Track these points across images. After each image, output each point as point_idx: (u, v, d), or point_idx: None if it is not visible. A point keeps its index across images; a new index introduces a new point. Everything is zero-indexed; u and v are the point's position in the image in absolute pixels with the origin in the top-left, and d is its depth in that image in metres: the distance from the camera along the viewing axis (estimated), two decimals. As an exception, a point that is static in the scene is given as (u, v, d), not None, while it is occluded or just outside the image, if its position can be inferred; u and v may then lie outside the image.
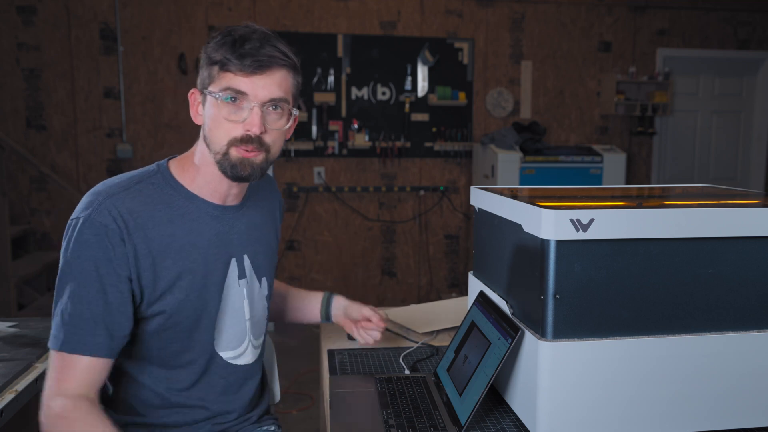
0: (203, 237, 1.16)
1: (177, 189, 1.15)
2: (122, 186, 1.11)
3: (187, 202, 1.15)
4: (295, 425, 3.04)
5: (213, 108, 1.10)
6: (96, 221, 1.05)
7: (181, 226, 1.13)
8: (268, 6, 4.47)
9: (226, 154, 1.11)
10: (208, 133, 1.12)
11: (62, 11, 4.24)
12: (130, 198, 1.09)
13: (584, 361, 1.05)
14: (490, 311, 1.23)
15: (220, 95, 1.08)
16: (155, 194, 1.13)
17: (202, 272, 1.15)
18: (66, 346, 1.04)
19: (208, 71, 1.10)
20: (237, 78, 1.08)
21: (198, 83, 1.14)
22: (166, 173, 1.17)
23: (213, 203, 1.18)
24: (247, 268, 1.24)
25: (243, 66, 1.07)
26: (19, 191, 4.32)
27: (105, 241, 1.05)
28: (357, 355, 1.50)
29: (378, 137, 4.65)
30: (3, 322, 1.61)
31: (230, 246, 1.20)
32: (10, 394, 1.24)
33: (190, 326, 1.16)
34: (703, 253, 1.08)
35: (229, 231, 1.20)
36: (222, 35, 1.10)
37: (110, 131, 4.39)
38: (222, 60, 1.08)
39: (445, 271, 4.89)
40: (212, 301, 1.18)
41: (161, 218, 1.11)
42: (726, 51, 5.09)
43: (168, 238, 1.11)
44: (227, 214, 1.20)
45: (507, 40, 4.80)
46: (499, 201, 1.25)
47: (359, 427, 1.13)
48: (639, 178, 5.10)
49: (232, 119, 1.09)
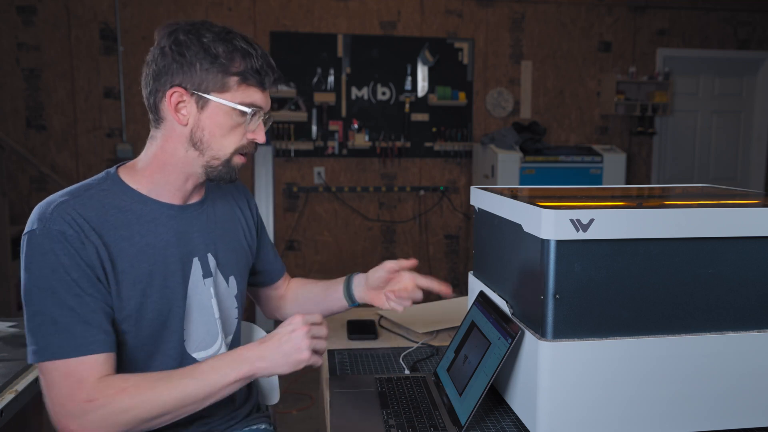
0: (160, 238, 1.13)
1: (129, 193, 1.13)
2: (71, 194, 1.08)
3: (140, 204, 1.13)
4: (295, 425, 3.04)
5: (222, 116, 1.10)
6: (52, 230, 1.02)
7: (138, 230, 1.11)
8: (268, 6, 4.47)
9: (229, 161, 1.14)
10: (208, 139, 1.11)
11: (62, 11, 4.24)
12: (81, 204, 1.07)
13: (584, 361, 1.05)
14: (490, 311, 1.23)
15: (243, 108, 1.11)
16: (106, 199, 1.10)
17: (162, 273, 1.13)
18: (70, 351, 1.01)
19: (214, 77, 1.08)
20: (258, 93, 1.13)
21: (183, 82, 1.08)
22: (116, 178, 1.14)
23: (169, 203, 1.16)
24: (212, 267, 1.21)
25: (265, 82, 1.13)
26: (19, 191, 4.32)
27: (67, 247, 1.02)
28: (357, 355, 1.50)
29: (378, 137, 4.65)
30: (3, 322, 1.61)
31: (191, 245, 1.18)
32: (10, 394, 1.24)
33: (157, 328, 1.13)
34: (703, 253, 1.08)
35: (189, 230, 1.18)
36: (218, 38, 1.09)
37: (110, 131, 4.39)
38: (245, 72, 1.09)
39: (445, 271, 4.89)
40: (176, 301, 1.15)
41: (114, 222, 1.09)
42: (726, 51, 5.09)
43: (123, 241, 1.09)
44: (187, 213, 1.18)
45: (507, 40, 4.80)
46: (499, 201, 1.25)
47: (359, 427, 1.13)
48: (639, 178, 5.10)
49: (241, 129, 1.13)
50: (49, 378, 1.01)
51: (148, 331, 1.13)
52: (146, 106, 1.15)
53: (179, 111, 1.10)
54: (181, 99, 1.09)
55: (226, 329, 1.26)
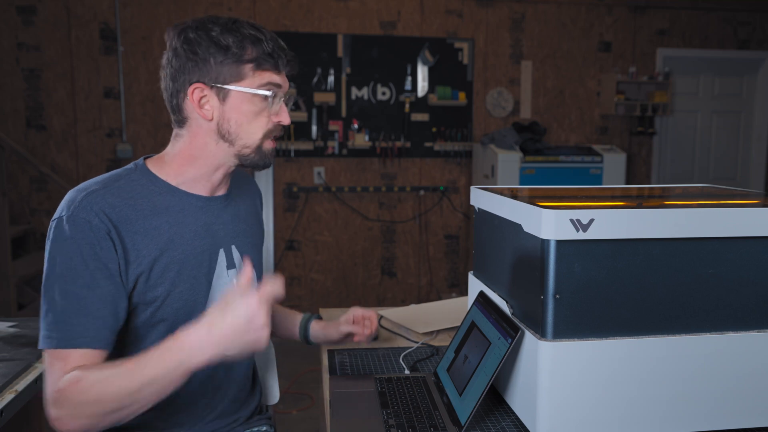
0: (189, 228, 1.16)
1: (157, 184, 1.16)
2: (102, 183, 1.11)
3: (169, 195, 1.16)
4: (295, 425, 3.04)
5: (246, 104, 1.13)
6: (79, 218, 1.05)
7: (166, 219, 1.13)
8: (268, 6, 4.47)
9: (260, 147, 1.17)
10: (236, 129, 1.14)
11: (62, 11, 4.24)
12: (111, 194, 1.09)
13: (584, 361, 1.05)
14: (490, 311, 1.23)
15: (263, 91, 1.13)
16: (136, 189, 1.13)
17: (190, 263, 1.16)
18: (62, 342, 1.03)
19: (229, 68, 1.11)
20: (274, 75, 1.14)
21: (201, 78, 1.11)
22: (144, 170, 1.17)
23: (197, 195, 1.19)
24: (236, 258, 1.24)
25: (279, 65, 1.15)
26: (19, 191, 4.32)
27: (90, 235, 1.04)
28: (357, 355, 1.50)
29: (378, 137, 4.65)
30: (3, 322, 1.61)
31: (217, 236, 1.21)
32: (10, 394, 1.24)
33: (182, 318, 1.15)
34: (703, 253, 1.08)
35: (216, 221, 1.21)
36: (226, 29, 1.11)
37: (110, 131, 4.39)
38: (258, 58, 1.11)
39: (445, 271, 4.89)
40: (202, 292, 1.18)
41: (143, 212, 1.11)
42: (726, 51, 5.09)
43: (152, 230, 1.11)
44: (213, 205, 1.21)
45: (507, 40, 4.80)
46: (499, 201, 1.25)
47: (359, 427, 1.13)
48: (639, 178, 5.10)
49: (265, 113, 1.15)
50: (45, 364, 1.05)
51: (174, 319, 1.14)
52: (168, 108, 1.17)
53: (203, 107, 1.13)
54: (203, 94, 1.12)
55: None
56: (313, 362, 3.48)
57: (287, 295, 4.67)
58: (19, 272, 3.74)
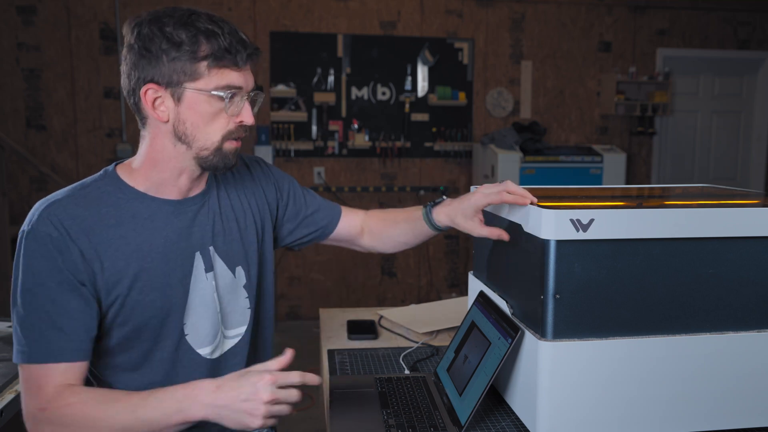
0: (159, 235, 1.12)
1: (125, 191, 1.11)
2: (66, 193, 1.08)
3: (136, 202, 1.11)
4: (295, 425, 3.04)
5: (202, 104, 1.06)
6: (39, 231, 1.03)
7: (133, 228, 1.10)
8: (268, 6, 4.47)
9: (219, 149, 1.10)
10: (192, 131, 1.07)
11: (62, 11, 4.24)
12: (74, 204, 1.06)
13: (584, 361, 1.05)
14: (490, 311, 1.23)
15: (219, 93, 1.05)
16: (101, 198, 1.09)
17: (162, 271, 1.12)
18: (35, 357, 1.01)
19: (182, 66, 1.03)
20: (233, 73, 1.06)
21: (155, 77, 1.04)
22: (113, 176, 1.13)
23: (168, 199, 1.14)
24: (215, 260, 1.20)
25: (238, 60, 1.05)
26: (19, 191, 4.32)
27: (51, 249, 1.02)
28: (357, 355, 1.50)
29: (378, 137, 4.65)
30: (3, 322, 1.61)
31: (192, 239, 1.16)
32: (10, 394, 1.24)
33: (155, 325, 1.13)
34: (703, 253, 1.07)
35: (190, 224, 1.16)
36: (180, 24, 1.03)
37: (110, 131, 4.39)
38: (213, 55, 1.03)
39: (445, 271, 4.89)
40: (177, 298, 1.14)
41: (109, 221, 1.08)
42: (726, 51, 5.09)
43: (118, 240, 1.08)
44: (186, 208, 1.16)
45: (507, 40, 4.80)
46: (499, 201, 1.24)
47: (359, 427, 1.13)
48: (639, 178, 5.10)
49: (224, 113, 1.08)
50: (21, 380, 1.04)
51: (146, 328, 1.12)
52: (130, 107, 1.12)
53: (157, 108, 1.06)
54: (157, 95, 1.06)
55: (228, 321, 1.23)
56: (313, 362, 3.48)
57: (287, 295, 4.67)
58: (19, 272, 3.74)
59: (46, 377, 1.01)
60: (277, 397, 0.96)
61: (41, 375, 1.01)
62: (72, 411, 0.98)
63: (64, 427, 0.98)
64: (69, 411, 0.98)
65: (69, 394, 1.00)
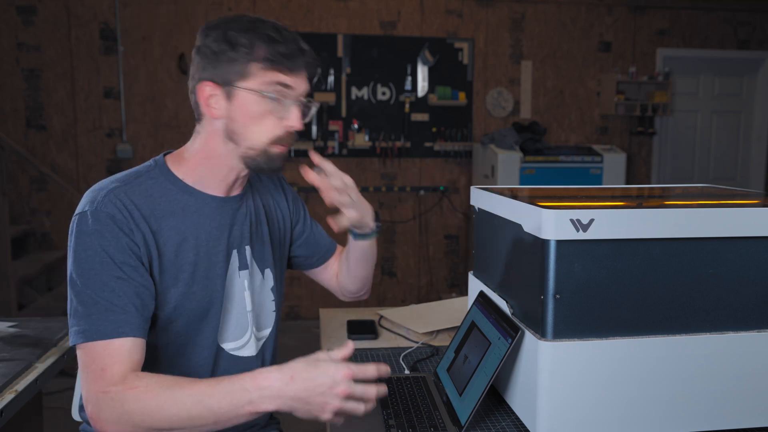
0: (204, 229, 1.16)
1: (175, 183, 1.15)
2: (122, 180, 1.11)
3: (186, 195, 1.15)
4: (295, 425, 3.04)
5: (252, 104, 1.10)
6: (102, 212, 1.05)
7: (183, 219, 1.13)
8: (268, 6, 4.47)
9: (266, 151, 1.13)
10: (241, 129, 1.11)
11: (62, 11, 4.24)
12: (131, 191, 1.09)
13: (584, 361, 1.05)
14: (490, 311, 1.23)
15: (268, 93, 1.10)
16: (154, 188, 1.13)
17: (204, 264, 1.15)
18: (99, 333, 1.00)
19: (237, 67, 1.08)
20: (284, 77, 1.11)
21: (212, 76, 1.10)
22: (163, 168, 1.16)
23: (213, 195, 1.18)
24: (249, 259, 1.24)
25: (292, 65, 1.11)
26: (19, 191, 4.32)
27: (114, 229, 1.04)
28: (357, 355, 1.50)
29: (378, 137, 4.65)
30: (3, 322, 1.61)
31: (231, 237, 1.20)
32: (10, 394, 1.24)
33: (196, 318, 1.15)
34: (703, 253, 1.07)
35: (231, 222, 1.20)
36: (243, 29, 1.09)
37: (110, 131, 4.39)
38: (267, 57, 1.08)
39: (445, 271, 4.89)
40: (216, 293, 1.17)
41: (162, 211, 1.11)
42: (726, 51, 5.09)
43: (169, 230, 1.11)
44: (228, 205, 1.20)
45: (507, 40, 4.80)
46: (499, 201, 1.25)
47: (359, 427, 1.13)
48: (639, 178, 5.10)
49: (274, 116, 1.12)
50: (80, 361, 1.02)
51: (187, 321, 1.14)
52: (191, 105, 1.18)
53: (211, 105, 1.12)
54: (212, 93, 1.11)
55: (259, 323, 1.27)
56: (313, 362, 3.48)
57: (287, 295, 4.67)
58: (19, 272, 3.74)
59: (110, 356, 0.99)
60: (353, 391, 0.94)
61: (105, 354, 0.99)
62: (136, 395, 0.95)
63: (127, 411, 0.95)
64: (132, 395, 0.95)
65: (134, 378, 0.98)
